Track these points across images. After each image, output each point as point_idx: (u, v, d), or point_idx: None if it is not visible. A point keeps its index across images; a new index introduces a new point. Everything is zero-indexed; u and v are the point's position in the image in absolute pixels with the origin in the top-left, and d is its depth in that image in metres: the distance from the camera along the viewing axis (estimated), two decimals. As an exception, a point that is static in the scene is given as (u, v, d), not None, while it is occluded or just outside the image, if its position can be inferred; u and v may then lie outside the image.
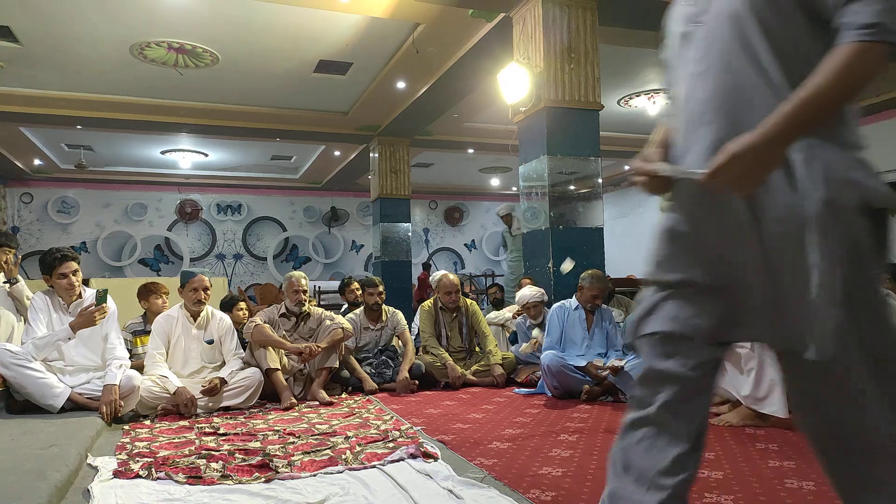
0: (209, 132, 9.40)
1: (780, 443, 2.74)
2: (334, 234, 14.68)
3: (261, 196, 14.11)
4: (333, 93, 8.10)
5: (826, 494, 2.05)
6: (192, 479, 2.35)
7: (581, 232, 5.14)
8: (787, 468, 2.36)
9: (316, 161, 11.96)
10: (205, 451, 2.74)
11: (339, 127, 9.46)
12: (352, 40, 6.42)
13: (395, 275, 9.71)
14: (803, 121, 1.09)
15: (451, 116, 8.96)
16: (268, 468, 2.47)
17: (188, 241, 13.59)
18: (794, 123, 1.09)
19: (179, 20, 5.87)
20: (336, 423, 3.35)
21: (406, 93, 7.91)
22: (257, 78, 7.44)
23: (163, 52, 6.58)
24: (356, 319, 4.87)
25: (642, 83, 7.98)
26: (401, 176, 10.02)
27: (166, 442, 3.00)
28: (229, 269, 13.82)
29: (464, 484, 2.21)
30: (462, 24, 5.95)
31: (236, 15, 5.81)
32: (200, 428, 3.30)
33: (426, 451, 2.63)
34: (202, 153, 11.16)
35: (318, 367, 4.28)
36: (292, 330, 4.44)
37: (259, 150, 11.22)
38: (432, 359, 4.75)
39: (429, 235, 15.57)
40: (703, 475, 2.29)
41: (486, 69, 6.67)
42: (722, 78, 1.22)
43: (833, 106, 1.10)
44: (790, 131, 1.10)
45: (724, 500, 2.02)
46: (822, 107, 1.09)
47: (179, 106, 8.26)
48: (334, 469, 2.46)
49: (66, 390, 3.48)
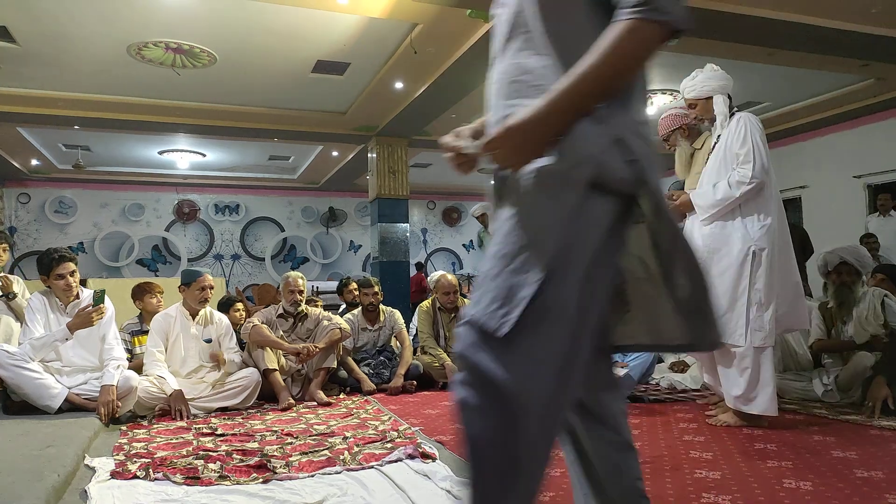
0: (207, 132, 9.39)
1: (777, 443, 2.75)
2: (332, 234, 14.67)
3: (259, 196, 14.09)
4: (331, 93, 8.10)
5: (823, 495, 2.05)
6: (190, 480, 2.35)
7: (579, 232, 5.14)
8: (785, 468, 2.36)
9: (314, 161, 11.95)
10: (202, 452, 2.74)
11: (337, 127, 9.46)
12: (349, 41, 6.42)
13: (393, 275, 9.70)
14: (576, 98, 1.10)
15: (449, 117, 8.95)
16: (266, 469, 2.47)
17: (186, 241, 13.57)
18: (567, 101, 1.10)
19: (177, 20, 5.86)
20: (334, 424, 3.35)
21: (404, 93, 7.91)
22: (255, 78, 7.43)
23: (160, 53, 6.57)
24: (354, 320, 4.87)
25: (640, 83, 7.97)
26: (399, 176, 10.01)
27: (164, 443, 2.99)
28: (227, 270, 13.80)
29: (462, 484, 2.21)
30: (460, 25, 5.94)
31: (234, 15, 5.80)
32: (198, 429, 3.30)
33: (424, 451, 2.63)
34: (200, 153, 11.14)
35: (315, 367, 4.27)
36: (290, 330, 4.43)
37: (257, 151, 11.21)
38: (430, 359, 4.75)
39: (427, 236, 15.57)
40: (701, 475, 2.29)
41: (485, 69, 6.63)
42: (506, 59, 1.27)
43: (606, 84, 1.11)
44: (563, 109, 1.10)
45: (722, 500, 2.02)
46: (595, 85, 1.10)
47: (177, 106, 8.24)
48: (332, 470, 2.45)
49: (63, 391, 3.48)
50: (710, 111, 3.29)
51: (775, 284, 3.05)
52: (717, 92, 3.26)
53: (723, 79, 3.28)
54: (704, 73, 3.32)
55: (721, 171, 3.16)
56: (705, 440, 2.84)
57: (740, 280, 3.06)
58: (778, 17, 5.78)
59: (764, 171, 3.06)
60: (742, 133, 3.12)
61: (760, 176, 3.05)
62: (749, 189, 3.05)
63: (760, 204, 3.10)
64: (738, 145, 3.12)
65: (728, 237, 3.13)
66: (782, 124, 9.71)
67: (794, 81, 8.04)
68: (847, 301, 3.83)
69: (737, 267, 3.06)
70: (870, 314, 3.73)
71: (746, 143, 3.10)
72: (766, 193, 3.11)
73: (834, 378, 3.67)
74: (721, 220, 3.17)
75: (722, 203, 3.12)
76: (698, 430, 3.07)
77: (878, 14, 5.91)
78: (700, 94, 3.31)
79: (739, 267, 3.06)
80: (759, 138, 3.11)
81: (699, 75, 3.32)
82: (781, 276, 3.10)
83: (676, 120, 3.59)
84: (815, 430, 2.97)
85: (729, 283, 3.07)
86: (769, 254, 3.04)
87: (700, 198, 3.21)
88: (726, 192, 3.10)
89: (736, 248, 3.08)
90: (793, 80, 8.00)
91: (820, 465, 2.38)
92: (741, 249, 3.06)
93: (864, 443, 2.71)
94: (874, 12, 5.87)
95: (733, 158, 3.13)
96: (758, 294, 3.03)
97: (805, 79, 7.93)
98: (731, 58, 6.55)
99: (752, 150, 3.07)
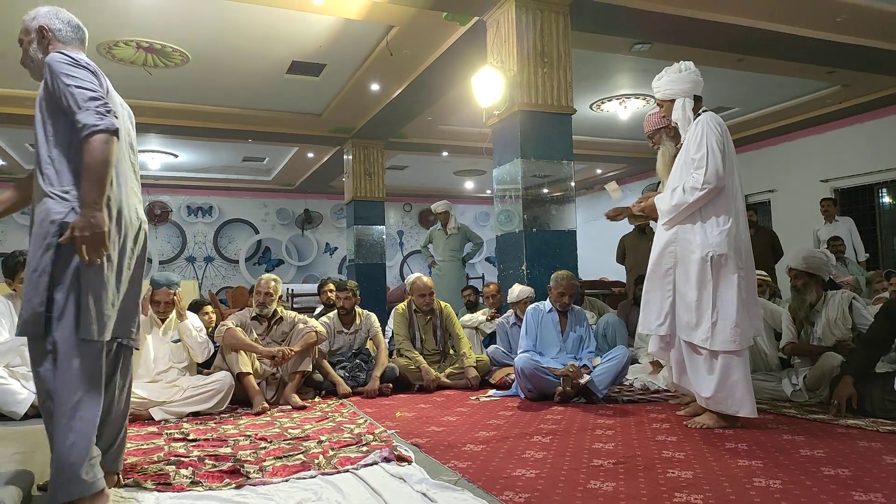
0: (179, 133, 9.26)
1: (748, 442, 2.80)
2: (308, 236, 14.57)
3: (233, 198, 13.93)
4: (307, 94, 8.05)
5: (792, 492, 2.09)
6: (161, 486, 2.30)
7: (554, 235, 5.19)
8: (755, 467, 2.40)
9: (289, 163, 11.86)
10: (174, 458, 2.69)
11: (313, 129, 9.40)
12: (325, 42, 6.39)
13: (369, 277, 9.67)
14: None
15: (425, 119, 8.96)
16: (239, 474, 2.44)
17: (157, 243, 13.36)
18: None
19: (149, 19, 5.77)
20: (309, 428, 3.32)
21: (380, 95, 7.89)
22: (229, 78, 7.36)
23: (131, 52, 6.47)
24: (330, 323, 4.84)
25: (614, 88, 8.08)
26: (375, 178, 9.99)
27: (134, 448, 2.94)
28: (200, 272, 13.61)
29: (438, 487, 2.21)
30: (436, 28, 5.96)
31: (207, 14, 5.74)
32: (169, 434, 3.24)
33: (400, 454, 2.62)
34: (172, 154, 10.98)
35: (290, 370, 4.23)
36: (265, 333, 4.39)
37: (231, 152, 11.08)
38: (406, 362, 4.74)
39: (403, 238, 15.54)
40: (674, 475, 2.32)
41: (460, 72, 6.69)
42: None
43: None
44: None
45: (694, 499, 2.05)
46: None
47: (148, 106, 8.11)
48: (307, 474, 2.43)
49: (29, 396, 3.40)
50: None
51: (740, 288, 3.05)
52: (679, 95, 3.23)
53: (688, 81, 3.23)
54: (669, 75, 3.28)
55: (683, 176, 3.14)
56: (678, 440, 2.88)
57: (703, 285, 3.05)
58: (748, 25, 5.90)
59: (718, 176, 3.02)
60: (698, 137, 3.09)
61: (714, 181, 3.01)
62: (702, 195, 3.03)
63: (720, 208, 3.07)
64: (693, 149, 3.10)
65: (689, 243, 3.11)
66: (752, 129, 9.91)
67: (763, 87, 8.22)
68: (801, 304, 3.90)
69: (697, 272, 3.05)
70: (838, 317, 3.80)
71: (701, 147, 3.07)
72: (726, 197, 3.08)
73: (803, 378, 3.75)
74: (681, 225, 3.15)
75: (677, 209, 3.11)
76: (671, 430, 3.11)
77: (844, 23, 6.07)
78: (664, 97, 3.30)
79: (700, 272, 3.05)
80: (714, 142, 3.05)
81: (665, 76, 3.30)
82: (747, 282, 3.11)
83: (663, 119, 3.50)
84: (784, 430, 3.03)
85: (693, 288, 3.07)
86: (729, 258, 3.03)
87: (661, 202, 3.20)
88: (681, 197, 3.08)
89: (695, 254, 3.07)
90: (762, 86, 8.17)
91: (789, 464, 2.43)
92: (700, 255, 3.05)
93: (831, 441, 2.77)
94: (839, 21, 6.03)
95: (691, 163, 3.11)
96: (721, 298, 3.03)
97: (773, 85, 8.11)
98: (702, 64, 6.64)
99: (707, 154, 3.04)
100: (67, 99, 1.94)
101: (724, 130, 3.15)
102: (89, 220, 1.88)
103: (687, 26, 5.81)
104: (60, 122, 2.00)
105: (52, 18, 2.16)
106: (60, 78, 1.95)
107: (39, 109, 2.02)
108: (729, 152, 3.12)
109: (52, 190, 1.97)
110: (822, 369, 3.61)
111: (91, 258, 1.91)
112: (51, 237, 1.92)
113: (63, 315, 1.91)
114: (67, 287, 1.93)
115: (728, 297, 3.03)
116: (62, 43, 2.15)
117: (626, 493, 2.12)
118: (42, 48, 2.13)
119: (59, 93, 1.95)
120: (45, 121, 2.01)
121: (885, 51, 6.58)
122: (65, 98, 1.94)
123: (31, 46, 2.14)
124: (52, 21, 2.16)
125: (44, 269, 1.90)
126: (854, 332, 3.75)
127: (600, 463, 2.50)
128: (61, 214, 1.93)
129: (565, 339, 4.29)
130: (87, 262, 1.91)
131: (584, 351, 4.24)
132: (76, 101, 1.93)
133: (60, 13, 2.20)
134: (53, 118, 2.01)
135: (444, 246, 7.87)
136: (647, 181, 11.95)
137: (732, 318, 3.01)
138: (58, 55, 2.01)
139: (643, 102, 8.49)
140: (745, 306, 3.05)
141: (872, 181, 9.10)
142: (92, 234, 1.89)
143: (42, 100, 2.02)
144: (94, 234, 1.89)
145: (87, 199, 1.90)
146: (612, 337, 5.26)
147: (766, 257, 6.48)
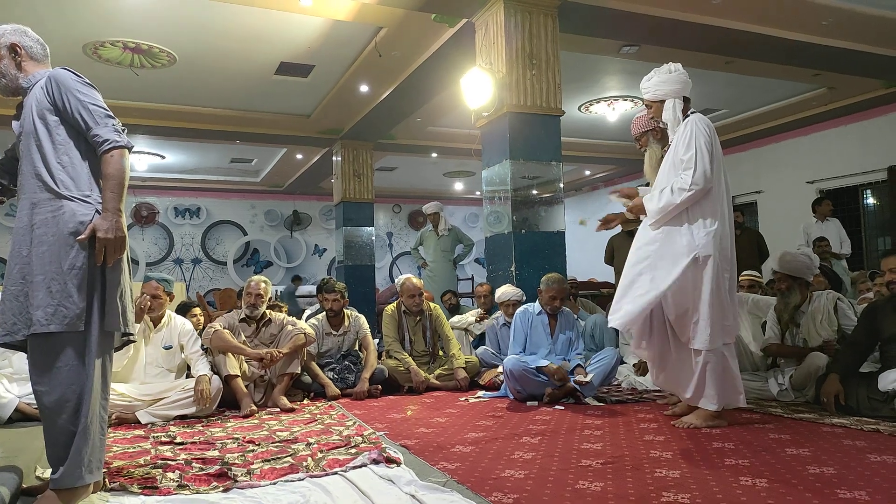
0: (166, 134, 9.19)
1: (735, 442, 2.81)
2: (296, 238, 14.51)
3: (221, 199, 13.85)
4: (295, 95, 8.02)
5: (778, 491, 2.11)
6: (148, 490, 2.29)
7: (543, 236, 5.20)
8: (741, 466, 2.42)
9: (278, 164, 11.81)
10: (161, 461, 2.67)
11: (302, 130, 9.37)
12: (314, 43, 6.37)
13: (358, 279, 9.65)
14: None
15: (414, 120, 8.96)
16: (226, 477, 2.42)
17: (144, 245, 13.26)
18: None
19: (135, 19, 5.73)
20: (297, 430, 3.31)
21: (369, 96, 7.88)
22: (217, 79, 7.32)
23: (118, 52, 6.42)
24: (318, 325, 4.82)
25: (602, 90, 8.12)
26: (364, 180, 9.97)
27: (120, 452, 2.91)
28: (188, 274, 13.53)
29: (426, 488, 2.20)
30: (425, 29, 5.96)
31: (194, 15, 5.70)
32: (156, 437, 3.22)
33: (389, 456, 2.61)
34: (159, 155, 10.90)
35: (279, 372, 4.21)
36: (253, 336, 4.37)
37: (218, 153, 11.02)
38: (396, 363, 4.73)
39: (392, 239, 15.52)
40: (662, 474, 2.33)
41: (449, 74, 6.69)
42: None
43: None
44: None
45: (681, 498, 2.06)
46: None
47: (135, 107, 8.06)
48: (295, 476, 2.42)
49: (13, 400, 3.36)
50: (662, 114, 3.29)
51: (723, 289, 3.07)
52: (669, 96, 3.25)
53: (678, 82, 3.25)
54: (659, 76, 3.29)
55: (670, 177, 3.15)
56: (665, 440, 2.90)
57: (687, 285, 3.07)
58: (735, 28, 5.95)
59: (705, 177, 3.04)
60: (687, 138, 3.11)
61: (701, 182, 3.03)
62: (690, 196, 3.04)
63: (707, 210, 3.09)
64: (682, 150, 3.12)
65: (674, 243, 3.12)
66: (739, 131, 9.99)
67: (750, 89, 8.29)
68: (785, 307, 3.93)
69: (681, 273, 3.06)
70: (824, 318, 3.83)
71: (690, 148, 3.09)
72: (713, 199, 3.10)
73: (789, 378, 3.78)
74: (667, 226, 3.16)
75: (665, 210, 3.12)
76: (659, 430, 3.12)
77: (830, 26, 6.14)
78: (654, 97, 3.31)
79: (684, 273, 3.06)
80: (703, 144, 3.07)
81: (654, 76, 3.31)
82: (730, 283, 3.14)
83: (650, 121, 3.52)
84: (770, 429, 3.05)
85: (677, 288, 3.08)
86: (714, 260, 3.05)
87: (649, 202, 3.21)
88: (668, 198, 3.09)
89: (682, 254, 3.08)
90: (749, 89, 8.24)
91: (775, 463, 2.45)
92: (686, 256, 3.06)
93: (816, 440, 2.80)
94: (825, 24, 6.09)
95: (679, 164, 3.13)
96: (704, 299, 3.05)
97: (760, 87, 8.18)
98: (690, 66, 6.68)
99: (695, 156, 3.06)
100: (82, 113, 2.09)
101: (713, 132, 3.17)
102: (113, 225, 2.06)
103: (675, 28, 5.85)
104: (68, 132, 2.13)
105: (22, 36, 2.23)
106: (73, 94, 2.10)
107: (42, 120, 2.12)
108: (717, 154, 3.14)
109: (70, 193, 2.09)
110: (808, 369, 3.64)
111: (109, 259, 2.09)
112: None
113: (93, 309, 2.07)
114: (97, 283, 2.08)
115: (711, 297, 3.05)
116: (34, 60, 2.24)
117: (615, 493, 2.13)
118: (15, 65, 2.21)
119: (69, 107, 2.09)
120: (50, 131, 2.11)
121: (869, 54, 6.66)
122: (78, 112, 2.09)
123: (1, 63, 2.20)
124: (23, 39, 2.23)
125: (80, 267, 2.04)
126: (839, 333, 3.78)
127: (589, 463, 2.51)
128: (88, 216, 2.08)
129: (555, 341, 4.30)
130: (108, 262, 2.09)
131: (573, 352, 4.25)
132: (93, 117, 2.10)
133: (28, 31, 2.27)
134: (58, 128, 2.12)
135: (436, 247, 7.85)
136: (634, 182, 12.01)
137: (716, 318, 3.04)
138: (64, 71, 2.15)
139: (631, 104, 8.53)
140: (727, 307, 3.09)
141: (857, 182, 9.20)
142: (115, 237, 2.06)
143: (44, 111, 2.12)
144: (118, 237, 2.07)
145: (111, 207, 2.07)
146: (600, 337, 5.28)
147: (751, 258, 6.52)
